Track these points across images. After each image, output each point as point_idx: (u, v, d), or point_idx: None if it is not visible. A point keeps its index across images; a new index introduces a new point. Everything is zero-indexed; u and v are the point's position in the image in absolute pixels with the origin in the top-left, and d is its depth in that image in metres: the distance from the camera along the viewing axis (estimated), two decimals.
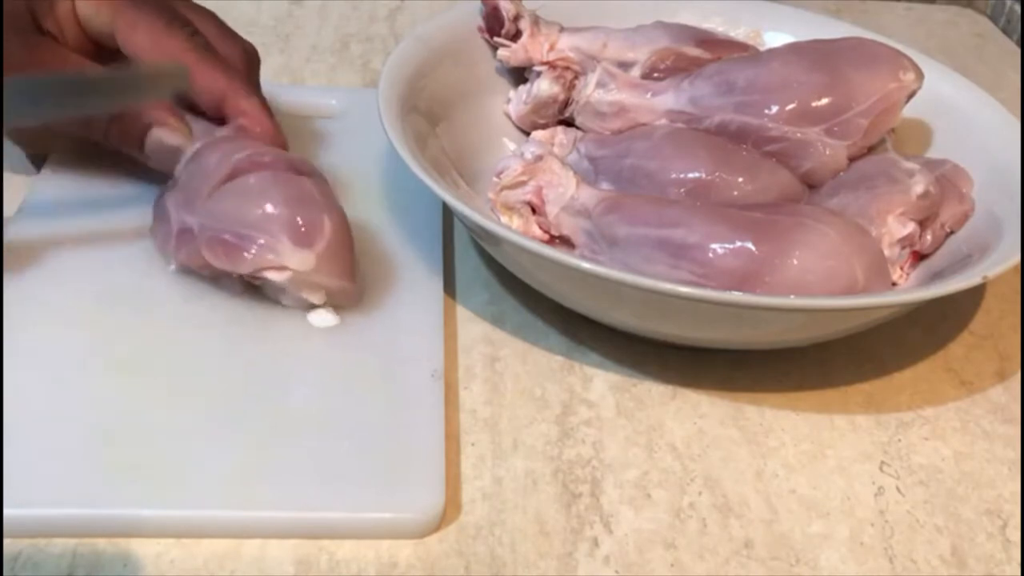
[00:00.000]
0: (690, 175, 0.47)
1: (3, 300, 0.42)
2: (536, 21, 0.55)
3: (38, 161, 0.51)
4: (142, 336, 0.42)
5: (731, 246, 0.42)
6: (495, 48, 0.56)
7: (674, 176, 0.47)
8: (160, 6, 0.46)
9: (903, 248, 0.46)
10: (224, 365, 0.41)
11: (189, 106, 0.47)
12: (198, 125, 0.46)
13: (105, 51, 0.46)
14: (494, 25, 0.55)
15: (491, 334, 0.46)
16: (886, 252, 0.45)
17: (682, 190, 0.47)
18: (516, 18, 0.55)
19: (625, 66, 0.54)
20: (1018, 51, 0.79)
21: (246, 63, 0.49)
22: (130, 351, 0.41)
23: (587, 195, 0.47)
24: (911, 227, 0.46)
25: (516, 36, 0.55)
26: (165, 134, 0.45)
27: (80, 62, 0.45)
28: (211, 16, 0.49)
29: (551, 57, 0.55)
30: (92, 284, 0.44)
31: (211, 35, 0.47)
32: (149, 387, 0.40)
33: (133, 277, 0.44)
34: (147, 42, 0.44)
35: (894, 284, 0.46)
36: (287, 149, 0.46)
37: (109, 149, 0.47)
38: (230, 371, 0.41)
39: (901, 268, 0.47)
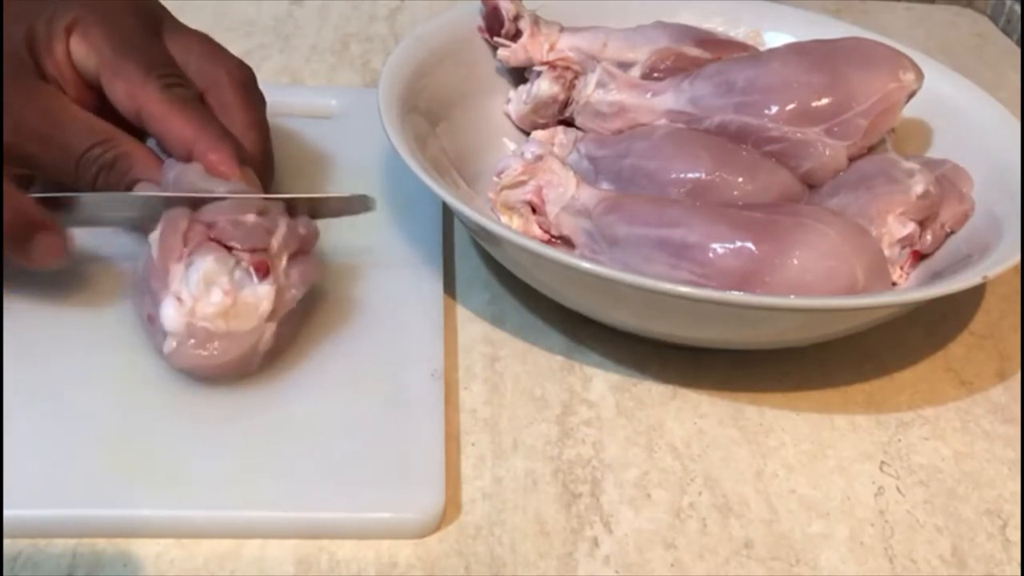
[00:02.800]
0: (690, 175, 0.47)
1: (3, 300, 0.42)
2: (536, 21, 0.55)
3: (24, 182, 0.49)
4: (142, 336, 0.42)
5: (731, 246, 0.42)
6: (495, 48, 0.56)
7: (674, 176, 0.47)
8: (143, 53, 0.45)
9: (903, 248, 0.46)
10: None
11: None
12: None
13: (104, 95, 0.45)
14: (494, 25, 0.55)
15: (491, 334, 0.46)
16: (886, 252, 0.45)
17: (682, 190, 0.47)
18: (516, 18, 0.55)
19: (625, 66, 0.54)
20: (1018, 51, 0.79)
21: (235, 85, 0.47)
22: (130, 351, 0.41)
23: (587, 195, 0.47)
24: (911, 227, 0.46)
25: (516, 36, 0.55)
26: (152, 190, 0.44)
27: (77, 112, 0.44)
28: (199, 39, 0.48)
29: (551, 57, 0.55)
30: (95, 288, 0.44)
31: (196, 58, 0.46)
32: (150, 386, 0.40)
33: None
34: (124, 93, 0.44)
35: (894, 284, 0.46)
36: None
37: None
38: None
39: (901, 268, 0.47)
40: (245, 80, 0.48)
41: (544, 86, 0.54)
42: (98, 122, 0.44)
